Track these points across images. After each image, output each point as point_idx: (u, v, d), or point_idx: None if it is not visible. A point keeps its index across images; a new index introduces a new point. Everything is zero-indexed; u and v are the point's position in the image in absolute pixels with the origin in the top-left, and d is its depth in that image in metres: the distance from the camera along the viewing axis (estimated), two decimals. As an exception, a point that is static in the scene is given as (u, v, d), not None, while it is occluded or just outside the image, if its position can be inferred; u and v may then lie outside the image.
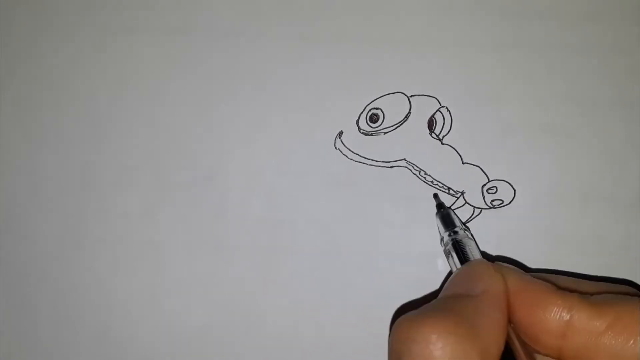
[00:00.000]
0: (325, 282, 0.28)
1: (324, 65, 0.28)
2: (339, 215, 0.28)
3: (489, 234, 0.27)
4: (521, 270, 0.23)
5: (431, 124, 0.28)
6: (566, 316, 0.20)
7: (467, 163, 0.28)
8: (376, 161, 0.28)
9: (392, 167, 0.28)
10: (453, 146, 0.28)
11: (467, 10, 0.28)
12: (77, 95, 0.29)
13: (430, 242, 0.27)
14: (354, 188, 0.28)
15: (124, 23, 0.29)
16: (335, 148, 0.28)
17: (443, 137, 0.28)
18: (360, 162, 0.28)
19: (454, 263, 0.25)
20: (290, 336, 0.28)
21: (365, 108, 0.28)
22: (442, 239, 0.26)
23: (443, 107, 0.28)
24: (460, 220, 0.26)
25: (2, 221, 0.29)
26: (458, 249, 0.25)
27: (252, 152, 0.28)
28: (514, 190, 0.27)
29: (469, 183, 0.28)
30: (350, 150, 0.28)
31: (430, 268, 0.27)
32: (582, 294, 0.21)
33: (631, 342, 0.19)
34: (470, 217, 0.28)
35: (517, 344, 0.21)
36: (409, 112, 0.28)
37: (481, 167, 0.28)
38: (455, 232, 0.25)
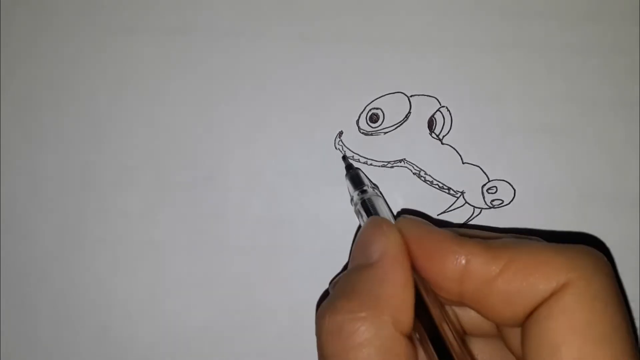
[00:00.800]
0: (325, 282, 0.28)
1: (324, 65, 0.28)
2: (339, 215, 0.28)
3: (489, 234, 0.27)
4: (424, 221, 0.23)
5: (431, 124, 0.28)
6: (463, 261, 0.20)
7: (467, 163, 0.28)
8: (376, 161, 0.28)
9: (392, 167, 0.28)
10: (453, 146, 0.28)
11: (467, 10, 0.28)
12: (77, 95, 0.29)
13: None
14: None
15: (124, 23, 0.29)
16: (336, 148, 0.28)
17: (443, 137, 0.28)
18: (360, 162, 0.28)
19: (363, 222, 0.25)
20: (290, 336, 0.28)
21: (365, 108, 0.28)
22: (351, 199, 0.26)
23: (443, 107, 0.28)
24: (370, 180, 0.26)
25: (2, 221, 0.29)
26: (367, 207, 0.25)
27: (252, 152, 0.28)
28: (514, 190, 0.27)
29: (469, 183, 0.28)
30: (350, 150, 0.28)
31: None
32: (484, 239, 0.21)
33: (523, 284, 0.19)
34: (470, 217, 0.28)
35: (425, 296, 0.21)
36: (409, 112, 0.28)
37: (481, 167, 0.28)
38: (364, 191, 0.25)
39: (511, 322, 0.20)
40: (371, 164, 0.28)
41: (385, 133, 0.28)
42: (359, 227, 0.26)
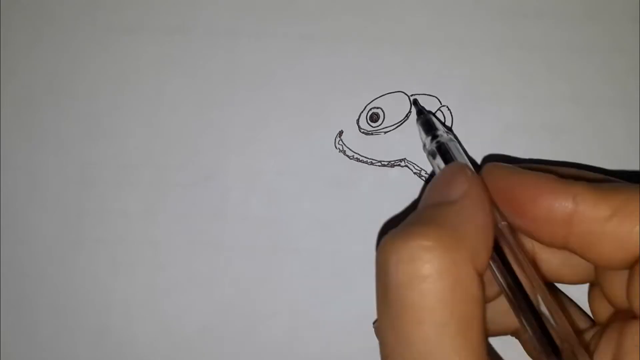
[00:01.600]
0: (325, 282, 0.28)
1: (324, 65, 0.28)
2: (339, 215, 0.28)
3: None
4: (514, 167, 0.22)
5: (431, 124, 0.28)
6: (571, 204, 0.19)
7: (468, 162, 0.28)
8: (376, 161, 0.28)
9: (392, 166, 0.28)
10: (453, 146, 0.28)
11: (467, 10, 0.28)
12: (77, 95, 0.29)
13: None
14: (354, 188, 0.28)
15: (124, 23, 0.29)
16: (336, 148, 0.28)
17: (443, 136, 0.28)
18: (361, 162, 0.28)
19: (438, 167, 0.24)
20: (290, 336, 0.28)
21: (365, 107, 0.28)
22: (424, 145, 0.25)
23: (443, 106, 0.28)
24: (444, 125, 0.26)
25: (2, 221, 0.29)
26: (442, 152, 0.24)
27: (252, 152, 0.28)
28: (515, 190, 0.27)
29: (469, 183, 0.28)
30: (350, 149, 0.28)
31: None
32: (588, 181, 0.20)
33: (637, 227, 0.19)
34: (471, 216, 0.28)
35: (510, 242, 0.21)
36: (410, 112, 0.28)
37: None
38: (438, 136, 0.25)
39: (620, 266, 0.19)
40: (371, 164, 0.28)
41: (385, 132, 0.28)
42: (432, 173, 0.24)
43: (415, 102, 0.27)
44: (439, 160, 0.24)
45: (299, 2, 0.29)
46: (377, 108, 0.28)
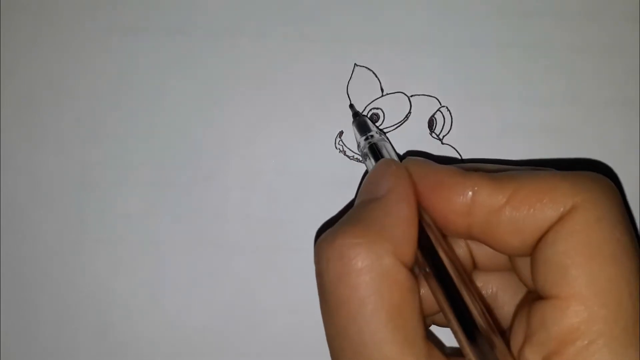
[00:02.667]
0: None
1: (324, 65, 0.28)
2: (339, 215, 0.28)
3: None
4: (428, 160, 0.23)
5: (431, 124, 0.28)
6: (469, 194, 0.20)
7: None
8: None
9: (392, 167, 0.28)
10: (453, 146, 0.28)
11: (467, 10, 0.28)
12: (77, 95, 0.29)
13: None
14: (354, 188, 0.28)
15: (124, 23, 0.29)
16: (336, 148, 0.28)
17: (443, 136, 0.28)
18: (361, 162, 0.28)
19: (371, 165, 0.25)
20: (290, 336, 0.28)
21: (365, 108, 0.28)
22: (358, 145, 0.26)
23: (443, 106, 0.28)
24: (377, 127, 0.27)
25: (2, 221, 0.29)
26: (375, 151, 0.25)
27: (252, 152, 0.28)
28: (514, 190, 0.27)
29: (469, 183, 0.28)
30: (350, 149, 0.28)
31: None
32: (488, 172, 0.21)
33: (530, 211, 0.19)
34: (471, 216, 0.28)
35: (430, 234, 0.21)
36: (409, 112, 0.28)
37: (481, 166, 0.28)
38: (371, 137, 0.25)
39: (520, 251, 0.20)
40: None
41: (385, 133, 0.28)
42: (366, 172, 0.25)
43: (351, 106, 0.28)
44: (372, 160, 0.25)
45: (299, 2, 0.29)
46: (377, 109, 0.28)
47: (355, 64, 0.28)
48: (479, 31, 0.28)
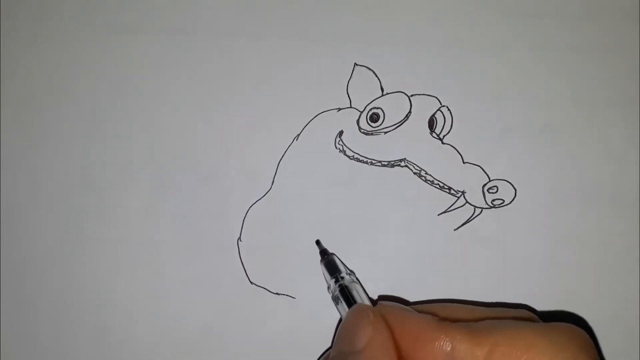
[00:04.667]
0: (325, 282, 0.28)
1: (323, 66, 0.28)
2: (339, 215, 0.28)
3: (490, 234, 0.27)
4: (403, 306, 0.23)
5: (432, 124, 0.28)
6: (448, 347, 0.21)
7: (468, 162, 0.28)
8: (376, 161, 0.28)
9: (392, 166, 0.28)
10: (454, 146, 0.28)
11: (467, 10, 0.28)
12: (77, 95, 0.29)
13: (430, 241, 0.27)
14: (354, 188, 0.28)
15: (124, 23, 0.29)
16: (336, 148, 0.28)
17: (444, 136, 0.28)
18: (361, 162, 0.28)
19: (343, 309, 0.25)
20: (290, 336, 0.28)
21: (365, 107, 0.28)
22: (328, 287, 0.26)
23: (444, 106, 0.28)
24: (344, 264, 0.27)
25: (2, 221, 0.29)
26: (345, 294, 0.25)
27: (252, 152, 0.28)
28: (515, 190, 0.27)
29: (470, 182, 0.28)
30: (350, 149, 0.28)
31: (429, 268, 0.27)
32: (466, 321, 0.22)
33: None
34: (471, 216, 0.28)
35: None
36: (410, 112, 0.28)
37: (482, 166, 0.28)
38: (342, 278, 0.25)
39: None
40: (371, 164, 0.28)
41: (385, 133, 0.28)
42: (340, 320, 0.25)
43: (317, 243, 0.27)
44: (344, 304, 0.25)
45: (299, 2, 0.29)
46: (378, 108, 0.28)
47: (355, 64, 0.28)
48: (479, 31, 0.28)
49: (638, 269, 0.27)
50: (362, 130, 0.28)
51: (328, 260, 0.26)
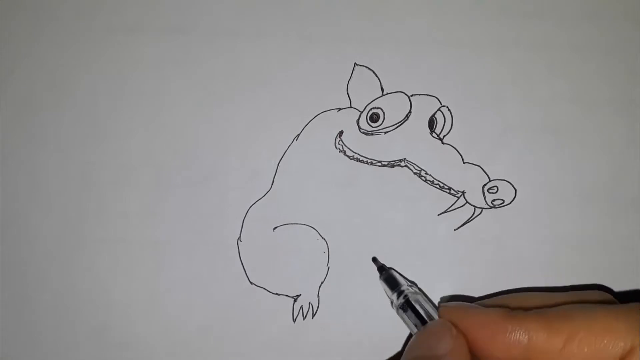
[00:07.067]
0: (325, 282, 0.28)
1: (324, 65, 0.28)
2: (339, 215, 0.28)
3: (490, 234, 0.27)
4: (468, 304, 0.23)
5: (432, 124, 0.28)
6: (525, 339, 0.21)
7: (468, 162, 0.28)
8: (376, 161, 0.28)
9: (392, 166, 0.28)
10: (454, 146, 0.28)
11: (467, 10, 0.28)
12: (77, 95, 0.29)
13: (430, 241, 0.27)
14: (354, 188, 0.28)
15: (124, 23, 0.29)
16: (336, 148, 0.28)
17: (444, 136, 0.28)
18: (361, 162, 0.28)
19: (410, 322, 0.25)
20: (290, 336, 0.28)
21: (365, 107, 0.28)
22: (392, 302, 0.26)
23: (444, 106, 0.28)
24: (403, 277, 0.26)
25: (2, 221, 0.29)
26: (411, 306, 0.25)
27: (252, 152, 0.28)
28: (515, 190, 0.27)
29: (470, 183, 0.28)
30: (350, 149, 0.28)
31: (429, 268, 0.27)
32: (538, 308, 0.22)
33: (589, 356, 0.20)
34: (471, 216, 0.28)
35: None
36: (410, 112, 0.28)
37: (482, 166, 0.28)
38: (403, 292, 0.25)
39: None
40: (371, 164, 0.28)
41: (385, 133, 0.28)
42: (410, 335, 0.26)
43: (374, 260, 0.27)
44: (409, 314, 0.25)
45: (299, 2, 0.29)
46: (378, 108, 0.28)
47: (355, 63, 0.28)
48: (479, 31, 0.28)
49: (638, 269, 0.27)
50: (362, 130, 0.28)
51: (387, 276, 0.26)
